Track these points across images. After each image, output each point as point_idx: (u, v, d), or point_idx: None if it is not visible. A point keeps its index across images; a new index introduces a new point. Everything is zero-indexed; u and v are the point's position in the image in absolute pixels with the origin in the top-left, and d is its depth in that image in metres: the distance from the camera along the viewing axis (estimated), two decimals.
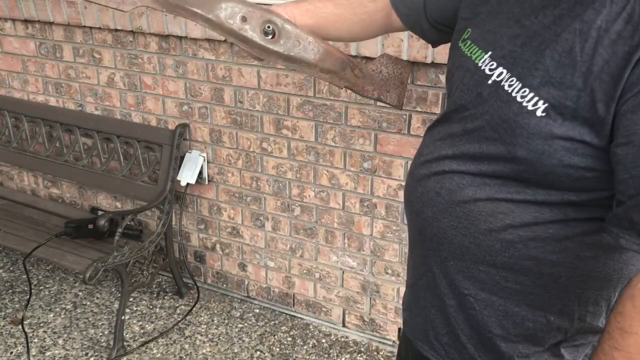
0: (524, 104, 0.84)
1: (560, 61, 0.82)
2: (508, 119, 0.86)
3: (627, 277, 0.90)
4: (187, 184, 2.49)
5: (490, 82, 0.90)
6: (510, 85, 0.87)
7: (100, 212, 2.71)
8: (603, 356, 0.80)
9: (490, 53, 0.93)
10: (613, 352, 0.78)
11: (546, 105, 0.82)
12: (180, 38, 2.32)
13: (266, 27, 1.01)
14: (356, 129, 2.14)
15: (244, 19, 1.00)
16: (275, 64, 1.86)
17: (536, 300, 0.94)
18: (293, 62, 1.05)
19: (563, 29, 0.83)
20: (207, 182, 2.53)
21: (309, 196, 2.33)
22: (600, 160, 0.81)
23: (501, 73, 0.89)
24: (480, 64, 0.94)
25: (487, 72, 0.92)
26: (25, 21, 2.62)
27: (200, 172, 2.48)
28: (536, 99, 0.83)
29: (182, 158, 2.48)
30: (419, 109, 2.01)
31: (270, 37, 1.02)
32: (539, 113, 0.82)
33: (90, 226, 2.38)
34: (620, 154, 0.78)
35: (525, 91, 0.85)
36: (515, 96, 0.86)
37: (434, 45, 1.26)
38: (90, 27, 2.48)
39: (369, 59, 1.96)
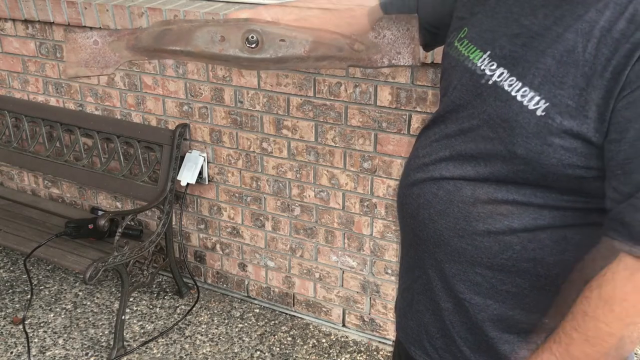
0: (525, 103, 0.84)
1: (562, 60, 0.82)
2: (508, 118, 0.86)
3: None
4: (187, 184, 2.49)
5: (490, 82, 0.90)
6: (510, 85, 0.87)
7: (100, 212, 2.71)
8: (564, 335, 0.84)
9: (489, 52, 0.92)
10: (572, 333, 0.82)
11: (547, 104, 0.82)
12: None
13: (249, 36, 0.99)
14: (356, 129, 2.14)
15: (222, 39, 1.00)
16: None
17: (532, 303, 0.94)
18: (284, 62, 1.03)
19: (565, 29, 0.83)
20: (207, 182, 2.53)
21: (309, 196, 2.34)
22: (598, 159, 0.82)
23: (502, 73, 0.89)
24: (479, 64, 0.93)
25: (487, 72, 0.91)
26: (26, 21, 2.62)
27: (201, 172, 2.49)
28: (537, 98, 0.83)
29: (182, 158, 2.48)
30: (418, 109, 2.01)
31: (254, 45, 1.00)
32: (539, 112, 0.83)
33: (91, 226, 2.38)
34: (613, 149, 0.79)
35: (525, 90, 0.85)
36: (515, 95, 0.86)
37: (426, 48, 1.25)
38: (91, 27, 2.48)
39: None
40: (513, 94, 0.86)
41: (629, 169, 0.77)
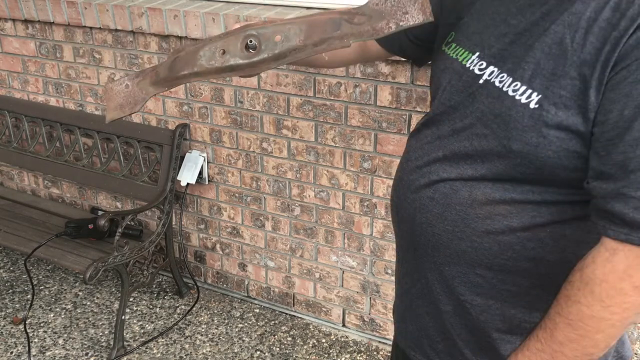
0: (517, 97, 0.85)
1: (551, 53, 0.83)
2: (501, 113, 0.87)
3: None
4: (187, 184, 2.49)
5: (480, 81, 0.91)
6: (501, 81, 0.88)
7: (100, 212, 2.71)
8: (548, 320, 0.84)
9: (478, 53, 0.93)
10: (556, 317, 0.83)
11: (539, 96, 0.83)
12: (180, 38, 2.32)
13: (248, 42, 1.01)
14: (356, 129, 2.14)
15: (223, 52, 1.02)
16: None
17: (533, 301, 0.94)
18: (284, 57, 1.02)
19: (551, 22, 0.84)
20: (207, 182, 2.53)
21: (309, 196, 2.34)
22: None
23: (492, 71, 0.90)
24: (468, 65, 0.94)
25: (477, 72, 0.92)
26: (26, 21, 2.62)
27: (201, 172, 2.49)
28: (529, 91, 0.84)
29: (182, 158, 2.48)
30: (418, 109, 2.01)
31: (253, 50, 1.01)
32: (532, 105, 0.83)
33: (91, 226, 2.38)
34: (597, 131, 0.79)
35: (516, 85, 0.85)
36: (507, 90, 0.86)
37: (418, 64, 1.26)
38: (91, 27, 2.48)
39: None
40: (504, 89, 0.87)
41: (610, 149, 0.77)
